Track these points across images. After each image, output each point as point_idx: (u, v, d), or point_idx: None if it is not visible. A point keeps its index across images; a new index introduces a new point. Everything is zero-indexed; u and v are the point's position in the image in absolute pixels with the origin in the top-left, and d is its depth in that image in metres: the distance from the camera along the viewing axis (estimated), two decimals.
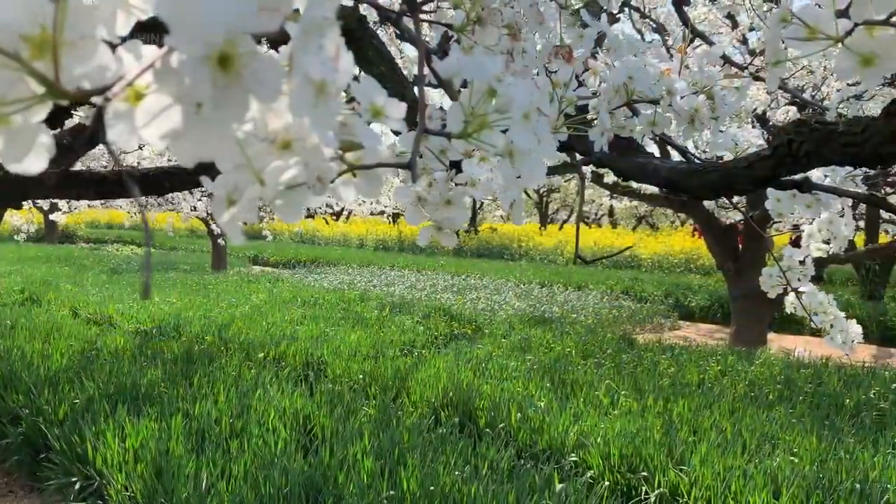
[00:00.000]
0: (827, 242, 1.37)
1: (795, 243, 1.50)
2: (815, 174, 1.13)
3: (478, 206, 15.44)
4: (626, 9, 4.57)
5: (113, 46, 0.27)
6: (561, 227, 19.40)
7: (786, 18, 0.51)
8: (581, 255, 0.80)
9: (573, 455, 3.06)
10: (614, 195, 12.05)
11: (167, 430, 3.08)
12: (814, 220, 1.42)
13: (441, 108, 0.57)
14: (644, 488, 2.81)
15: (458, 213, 0.64)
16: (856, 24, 0.49)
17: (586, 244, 14.99)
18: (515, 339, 5.46)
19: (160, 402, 3.46)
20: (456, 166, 0.65)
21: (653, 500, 2.72)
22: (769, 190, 1.26)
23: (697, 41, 3.03)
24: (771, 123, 4.99)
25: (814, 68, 5.66)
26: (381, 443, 2.94)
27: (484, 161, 0.66)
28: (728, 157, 1.27)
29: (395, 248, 16.77)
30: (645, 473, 2.87)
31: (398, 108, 0.42)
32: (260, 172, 0.32)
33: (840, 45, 0.51)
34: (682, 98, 0.80)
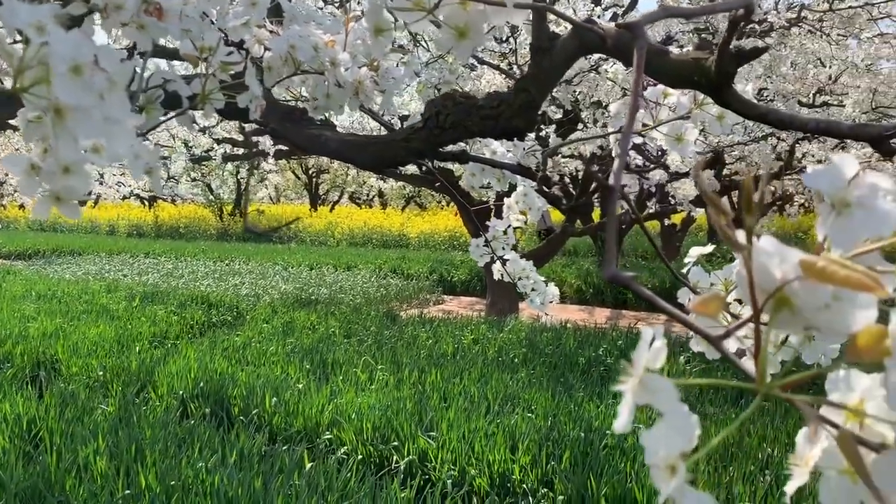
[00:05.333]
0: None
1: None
2: (500, 149, 1.21)
3: (243, 187, 14.86)
4: None
5: None
6: (332, 209, 19.33)
7: None
8: (250, 227, 0.78)
9: (328, 433, 3.07)
10: (380, 176, 12.25)
11: None
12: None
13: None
14: (395, 457, 2.90)
15: (78, 181, 0.59)
16: None
17: (356, 225, 15.11)
18: (278, 324, 5.35)
19: None
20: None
21: (402, 467, 2.82)
22: (472, 166, 1.33)
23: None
24: None
25: None
26: (119, 441, 2.73)
27: None
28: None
29: (152, 235, 15.65)
30: (396, 443, 2.96)
31: None
32: None
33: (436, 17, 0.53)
34: (346, 70, 0.81)
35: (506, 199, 1.48)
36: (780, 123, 0.60)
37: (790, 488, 0.34)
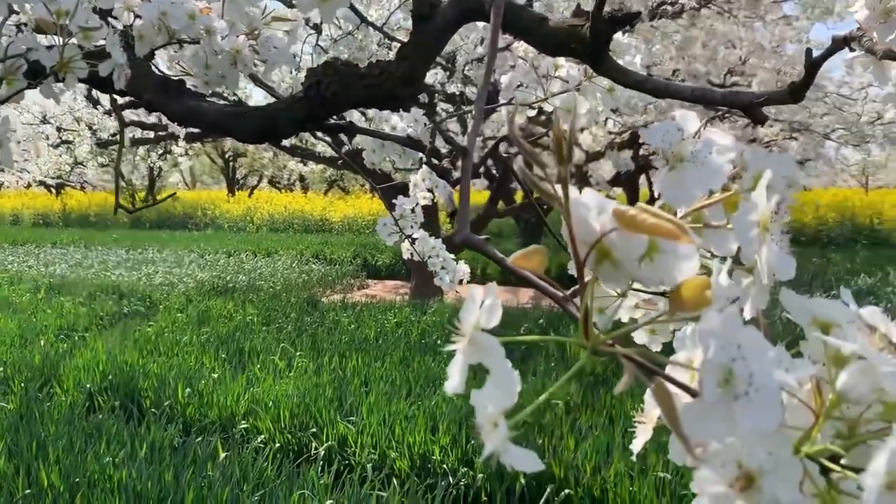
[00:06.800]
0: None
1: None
2: (400, 123, 1.19)
3: (156, 172, 14.29)
4: None
5: None
6: (251, 194, 18.85)
7: None
8: (122, 206, 0.74)
9: (244, 422, 3.01)
10: (301, 160, 12.00)
11: None
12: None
13: None
14: (314, 444, 2.86)
15: None
16: None
17: (277, 210, 14.79)
18: (193, 312, 5.20)
19: None
20: None
21: (321, 454, 2.78)
22: (371, 142, 1.31)
23: None
24: None
25: None
26: (19, 439, 2.60)
27: None
28: None
29: (60, 223, 14.93)
30: (315, 430, 2.93)
31: None
32: None
33: None
34: (222, 38, 0.77)
35: (412, 177, 1.47)
36: (656, 91, 0.60)
37: (636, 446, 0.34)
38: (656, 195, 0.29)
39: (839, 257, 9.65)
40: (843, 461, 0.26)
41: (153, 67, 0.99)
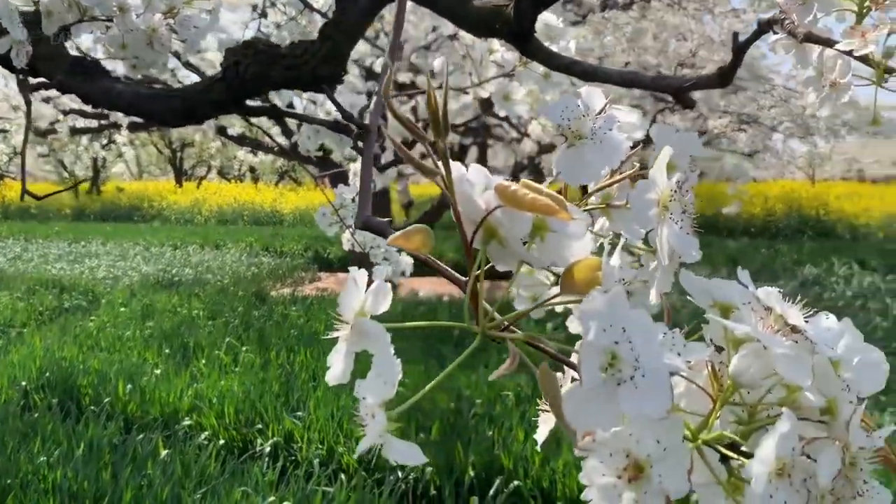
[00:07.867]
0: None
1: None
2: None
3: (100, 163, 13.86)
4: None
5: None
6: (199, 185, 18.42)
7: None
8: (30, 192, 0.70)
9: (188, 419, 2.94)
10: (251, 150, 11.77)
11: None
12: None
13: None
14: (259, 440, 2.81)
15: None
16: None
17: (226, 201, 14.50)
18: (136, 307, 5.07)
19: None
20: None
21: (267, 450, 2.73)
22: (306, 128, 1.27)
23: None
24: None
25: None
26: None
27: None
28: None
29: None
30: (260, 426, 2.88)
31: None
32: None
33: None
34: (137, 16, 0.73)
35: (352, 165, 1.44)
36: (584, 75, 0.59)
37: (540, 436, 0.33)
38: (554, 173, 0.28)
39: (786, 248, 9.87)
40: (743, 448, 0.25)
41: (75, 49, 0.94)
